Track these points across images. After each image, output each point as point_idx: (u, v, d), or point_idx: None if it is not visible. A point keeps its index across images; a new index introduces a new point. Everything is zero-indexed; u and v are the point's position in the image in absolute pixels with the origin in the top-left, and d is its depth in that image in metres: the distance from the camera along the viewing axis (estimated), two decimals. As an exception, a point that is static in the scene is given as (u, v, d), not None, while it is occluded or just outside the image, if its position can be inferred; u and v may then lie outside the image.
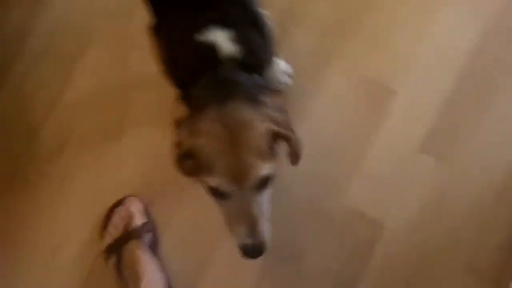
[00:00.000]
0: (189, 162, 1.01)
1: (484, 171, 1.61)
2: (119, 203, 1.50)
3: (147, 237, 1.46)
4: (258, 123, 0.98)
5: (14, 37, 1.61)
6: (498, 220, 1.59)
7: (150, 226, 1.49)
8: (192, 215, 1.57)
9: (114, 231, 1.46)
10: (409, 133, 1.61)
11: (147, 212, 1.51)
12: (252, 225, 1.00)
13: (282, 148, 1.08)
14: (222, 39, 1.04)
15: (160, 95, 1.55)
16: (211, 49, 1.04)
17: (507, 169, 1.60)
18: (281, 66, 1.51)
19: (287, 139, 1.05)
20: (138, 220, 1.46)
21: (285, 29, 1.63)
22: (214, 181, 0.96)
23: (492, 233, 1.58)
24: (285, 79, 1.55)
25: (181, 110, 1.10)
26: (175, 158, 1.03)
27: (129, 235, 1.43)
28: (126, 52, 1.60)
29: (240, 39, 1.05)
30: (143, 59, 1.53)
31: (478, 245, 1.58)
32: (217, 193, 0.99)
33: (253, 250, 1.01)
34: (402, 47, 1.65)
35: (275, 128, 1.00)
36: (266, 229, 1.03)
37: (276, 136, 1.02)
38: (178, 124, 1.05)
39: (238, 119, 0.97)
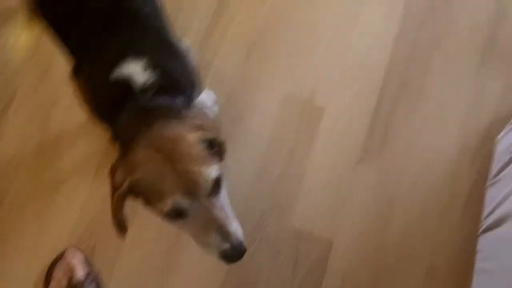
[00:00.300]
0: (136, 198, 1.00)
1: (425, 170, 1.65)
2: (59, 257, 1.48)
3: (91, 287, 1.44)
4: (188, 134, 0.98)
5: None
6: (449, 220, 1.62)
7: (93, 276, 1.46)
8: (135, 257, 1.56)
9: (57, 287, 1.43)
10: (344, 146, 1.65)
11: (88, 261, 1.49)
12: (223, 229, 0.97)
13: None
14: (136, 70, 1.05)
15: (89, 143, 1.57)
16: (126, 83, 1.04)
17: (444, 166, 1.65)
18: (206, 95, 1.53)
19: (219, 145, 1.05)
20: (80, 272, 1.44)
21: (207, 57, 1.67)
22: (168, 203, 0.93)
23: (446, 235, 1.60)
24: (212, 107, 1.56)
25: (114, 153, 1.09)
26: (114, 203, 1.00)
27: (72, 288, 1.41)
28: (48, 108, 1.61)
29: (153, 66, 1.06)
30: (66, 112, 1.57)
31: (433, 248, 1.60)
32: (177, 215, 0.96)
33: (234, 253, 0.98)
34: (325, 63, 1.70)
35: (206, 134, 1.00)
36: (237, 228, 1.01)
37: (210, 141, 1.02)
38: (113, 169, 1.02)
39: (168, 138, 0.96)
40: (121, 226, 1.04)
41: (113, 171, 1.00)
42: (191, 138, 0.97)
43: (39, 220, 1.55)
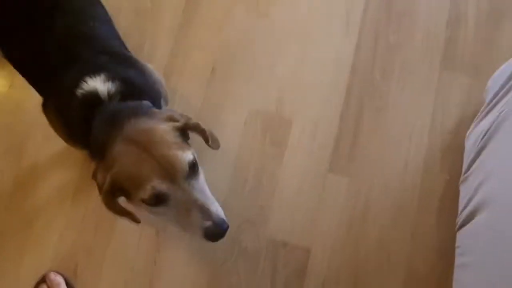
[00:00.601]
0: (119, 194, 1.02)
1: (395, 175, 1.68)
2: (41, 281, 1.50)
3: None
4: (159, 125, 1.02)
5: None
6: (424, 222, 1.64)
7: (75, 297, 1.49)
8: (116, 276, 1.59)
9: None
10: (314, 156, 1.69)
11: (70, 283, 1.52)
12: (204, 209, 0.99)
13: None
14: (96, 85, 1.09)
15: (63, 172, 1.63)
16: (91, 97, 1.08)
17: (415, 170, 1.68)
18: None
19: (193, 127, 1.08)
20: None
21: (173, 80, 1.73)
22: (148, 190, 0.96)
23: (422, 237, 1.63)
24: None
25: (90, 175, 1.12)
26: (104, 202, 1.03)
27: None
28: (22, 141, 1.67)
29: (112, 78, 1.10)
30: (39, 144, 1.65)
31: (411, 251, 1.62)
32: (158, 201, 0.98)
33: (216, 230, 1.00)
34: (288, 76, 1.75)
35: (177, 123, 1.04)
36: (218, 207, 1.03)
37: (183, 130, 1.05)
38: (94, 173, 1.05)
39: (140, 130, 1.01)
40: (127, 216, 1.08)
41: (94, 175, 1.04)
42: (163, 127, 1.02)
43: (20, 250, 1.59)
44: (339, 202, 1.65)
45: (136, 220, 1.10)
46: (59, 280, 1.49)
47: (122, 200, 1.05)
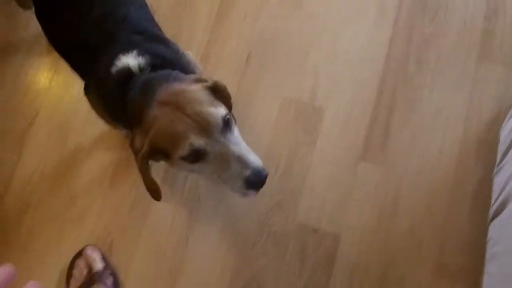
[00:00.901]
0: (159, 158, 1.07)
1: (428, 165, 1.68)
2: (79, 254, 1.59)
3: (109, 280, 1.53)
4: (190, 86, 1.06)
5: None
6: (457, 214, 1.64)
7: (110, 270, 1.56)
8: (148, 255, 1.65)
9: (79, 276, 1.54)
10: (346, 143, 1.71)
11: (105, 257, 1.60)
12: (242, 159, 1.02)
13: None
14: (129, 60, 1.14)
15: (103, 155, 1.72)
16: (124, 72, 1.14)
17: (448, 161, 1.68)
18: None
19: (221, 89, 1.12)
20: (99, 265, 1.55)
21: (209, 68, 1.79)
22: (185, 146, 0.99)
23: (454, 229, 1.62)
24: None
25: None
26: (140, 166, 1.07)
27: (92, 278, 1.51)
28: (67, 124, 1.77)
29: (143, 52, 1.16)
30: (82, 128, 1.74)
31: (442, 243, 1.61)
32: (197, 157, 1.02)
33: (256, 178, 1.03)
34: (321, 65, 1.79)
35: (206, 83, 1.09)
36: (255, 157, 1.06)
37: (212, 89, 1.09)
38: (132, 140, 1.09)
39: (173, 93, 1.05)
40: (152, 189, 1.12)
41: (132, 143, 1.09)
42: (193, 88, 1.06)
43: (62, 226, 1.69)
44: (370, 189, 1.66)
45: (158, 196, 1.14)
46: (95, 256, 1.58)
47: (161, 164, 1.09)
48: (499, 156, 1.60)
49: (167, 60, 1.19)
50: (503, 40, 1.77)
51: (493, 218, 1.51)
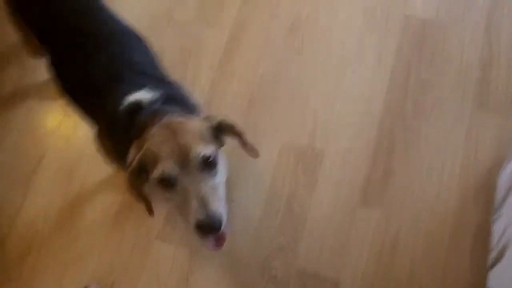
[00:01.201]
0: (144, 176, 1.10)
1: (427, 211, 1.71)
2: None
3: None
4: (195, 121, 1.12)
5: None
6: (456, 259, 1.65)
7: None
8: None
9: None
10: (345, 187, 1.75)
11: None
12: (203, 202, 1.02)
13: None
14: (139, 95, 1.20)
15: (107, 195, 1.77)
16: (134, 105, 1.19)
17: (446, 207, 1.71)
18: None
19: (228, 127, 1.16)
20: None
21: (213, 110, 1.84)
22: (159, 168, 1.03)
23: (454, 274, 1.63)
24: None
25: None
26: (129, 179, 1.09)
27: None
28: (73, 165, 1.81)
29: (153, 90, 1.22)
30: (87, 169, 1.80)
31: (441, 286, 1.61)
32: (165, 182, 1.04)
33: (208, 223, 1.02)
34: (321, 109, 1.84)
35: (211, 122, 1.13)
36: (220, 207, 1.05)
37: (218, 129, 1.14)
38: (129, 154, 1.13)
39: (175, 121, 1.10)
40: (145, 204, 1.15)
41: (129, 156, 1.12)
42: (197, 123, 1.11)
43: (64, 264, 1.71)
44: (369, 234, 1.69)
45: (150, 210, 1.17)
46: None
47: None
48: (497, 202, 1.63)
49: (176, 99, 1.25)
50: (498, 88, 1.83)
51: (492, 265, 1.52)
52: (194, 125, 1.10)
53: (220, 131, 1.16)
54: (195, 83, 1.88)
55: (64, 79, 1.37)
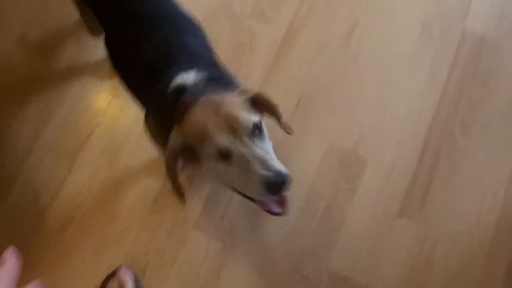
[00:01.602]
0: (188, 155, 1.11)
1: (464, 232, 1.71)
2: (112, 274, 1.63)
3: (141, 303, 1.57)
4: (234, 95, 1.14)
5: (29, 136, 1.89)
6: (490, 284, 1.64)
7: (142, 292, 1.60)
8: (181, 280, 1.70)
9: None
10: (385, 197, 1.76)
11: (138, 279, 1.63)
12: (264, 162, 1.02)
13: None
14: (186, 77, 1.22)
15: (149, 178, 1.81)
16: (180, 87, 1.21)
17: (485, 230, 1.70)
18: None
19: (263, 100, 1.18)
20: (131, 287, 1.58)
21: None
22: (211, 143, 1.04)
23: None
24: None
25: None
26: (167, 161, 1.11)
27: (123, 301, 1.55)
28: (119, 144, 1.86)
29: (198, 71, 1.23)
30: (133, 149, 1.84)
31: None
32: (221, 155, 1.04)
33: (276, 179, 1.01)
34: (369, 116, 1.85)
35: (248, 95, 1.15)
36: (281, 165, 1.04)
37: (254, 101, 1.16)
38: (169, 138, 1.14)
39: (214, 98, 1.12)
40: (178, 189, 1.17)
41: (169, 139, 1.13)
42: (235, 97, 1.13)
43: (101, 243, 1.75)
44: (404, 246, 1.69)
45: (183, 198, 1.18)
46: (127, 277, 1.61)
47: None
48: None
49: (222, 80, 1.27)
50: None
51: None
52: (233, 98, 1.12)
53: (255, 104, 1.17)
54: (248, 77, 1.90)
55: (118, 58, 1.41)
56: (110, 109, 1.90)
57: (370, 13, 1.99)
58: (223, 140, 1.04)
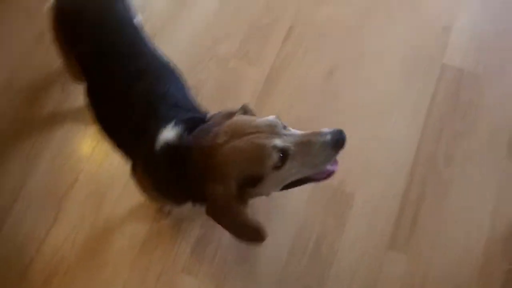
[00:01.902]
0: (249, 190, 1.09)
1: (454, 262, 1.72)
2: None
3: None
4: (231, 119, 1.14)
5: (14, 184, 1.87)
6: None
7: None
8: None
9: None
10: (373, 232, 1.77)
11: None
12: (315, 133, 1.08)
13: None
14: (169, 133, 1.20)
15: (135, 224, 1.79)
16: (169, 145, 1.19)
17: (475, 258, 1.72)
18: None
19: (248, 110, 1.22)
20: None
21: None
22: (272, 153, 1.04)
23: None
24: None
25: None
26: (233, 212, 1.08)
27: None
28: (104, 191, 1.84)
29: (179, 122, 1.22)
30: (118, 196, 1.83)
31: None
32: (280, 160, 1.05)
33: (338, 135, 1.09)
34: (352, 153, 1.82)
35: (238, 110, 1.19)
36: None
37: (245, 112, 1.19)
38: (209, 198, 1.10)
39: (222, 131, 1.10)
40: (255, 230, 1.12)
41: (210, 200, 1.09)
42: (233, 117, 1.14)
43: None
44: (396, 279, 1.70)
45: (262, 235, 1.13)
46: None
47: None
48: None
49: (198, 120, 1.26)
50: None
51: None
52: (236, 118, 1.14)
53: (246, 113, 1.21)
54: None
55: (99, 109, 1.41)
56: (94, 154, 1.90)
57: (350, 52, 2.05)
58: (277, 142, 1.05)
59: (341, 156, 1.78)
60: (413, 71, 2.00)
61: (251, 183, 1.08)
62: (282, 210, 1.79)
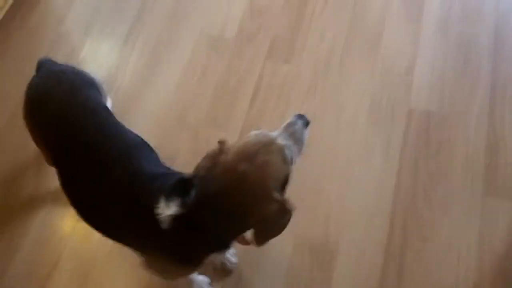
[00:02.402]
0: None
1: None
2: None
3: None
4: (223, 155, 1.20)
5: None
6: None
7: None
8: None
9: None
10: (360, 282, 1.77)
11: None
12: (290, 124, 1.30)
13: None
14: (169, 209, 1.18)
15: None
16: (176, 219, 1.18)
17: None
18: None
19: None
20: None
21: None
22: (285, 159, 1.19)
23: None
24: (232, 258, 1.76)
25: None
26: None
27: None
28: (87, 270, 1.83)
29: (170, 195, 1.21)
30: (102, 273, 1.83)
31: None
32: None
33: (304, 119, 1.32)
34: (331, 202, 1.91)
35: (225, 143, 1.25)
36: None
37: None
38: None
39: (223, 175, 1.16)
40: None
41: (260, 221, 1.20)
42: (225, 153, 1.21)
43: None
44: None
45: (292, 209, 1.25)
46: None
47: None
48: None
49: (183, 179, 1.28)
50: (506, 173, 1.90)
51: None
52: (229, 151, 1.20)
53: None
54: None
55: (78, 199, 1.40)
56: (74, 234, 1.90)
57: (318, 104, 2.12)
58: (284, 141, 1.22)
59: (322, 207, 1.86)
60: (380, 117, 2.06)
61: (284, 187, 1.21)
62: (268, 264, 1.79)
